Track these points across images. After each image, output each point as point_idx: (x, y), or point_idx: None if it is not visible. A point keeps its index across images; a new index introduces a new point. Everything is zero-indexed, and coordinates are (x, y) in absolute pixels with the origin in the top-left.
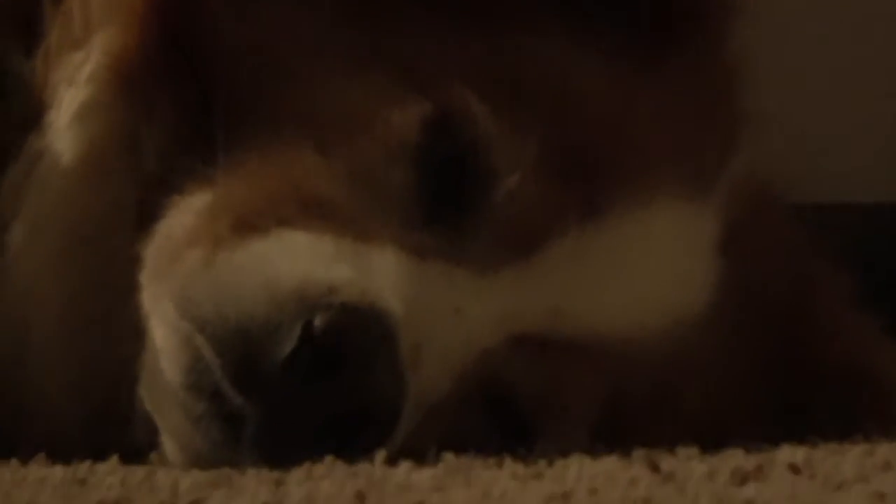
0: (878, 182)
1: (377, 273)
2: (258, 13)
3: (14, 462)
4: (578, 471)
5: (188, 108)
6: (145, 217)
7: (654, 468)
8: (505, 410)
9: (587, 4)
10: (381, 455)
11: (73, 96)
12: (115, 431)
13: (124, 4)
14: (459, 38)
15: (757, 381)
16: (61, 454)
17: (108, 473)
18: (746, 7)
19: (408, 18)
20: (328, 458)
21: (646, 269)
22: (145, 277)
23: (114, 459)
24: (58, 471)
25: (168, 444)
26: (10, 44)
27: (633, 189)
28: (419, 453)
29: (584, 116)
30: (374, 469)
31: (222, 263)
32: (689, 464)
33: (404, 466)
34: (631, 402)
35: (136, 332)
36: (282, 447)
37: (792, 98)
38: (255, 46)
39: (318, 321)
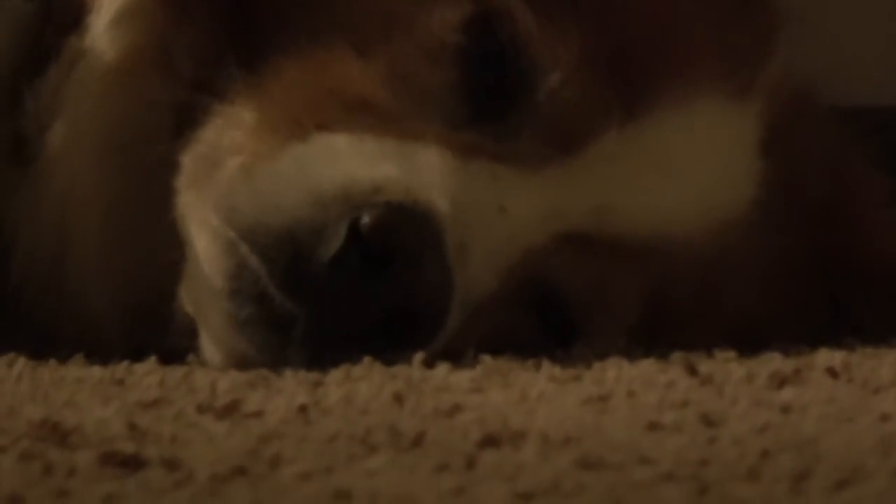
0: None
1: (422, 172)
2: None
3: (53, 362)
4: (616, 373)
5: (225, 13)
6: (184, 122)
7: (692, 371)
8: (549, 308)
9: None
10: (419, 356)
11: (108, 8)
12: (154, 333)
13: None
14: None
15: (797, 281)
16: (100, 355)
17: (147, 374)
18: None
19: None
20: (366, 360)
21: (688, 167)
22: (182, 183)
23: (152, 360)
24: (96, 371)
25: (209, 348)
26: None
27: (675, 87)
28: (458, 355)
29: (625, 15)
30: (412, 370)
31: (263, 171)
32: (727, 367)
33: (442, 368)
34: (672, 301)
35: (175, 237)
36: (331, 347)
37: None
38: None
39: (364, 220)
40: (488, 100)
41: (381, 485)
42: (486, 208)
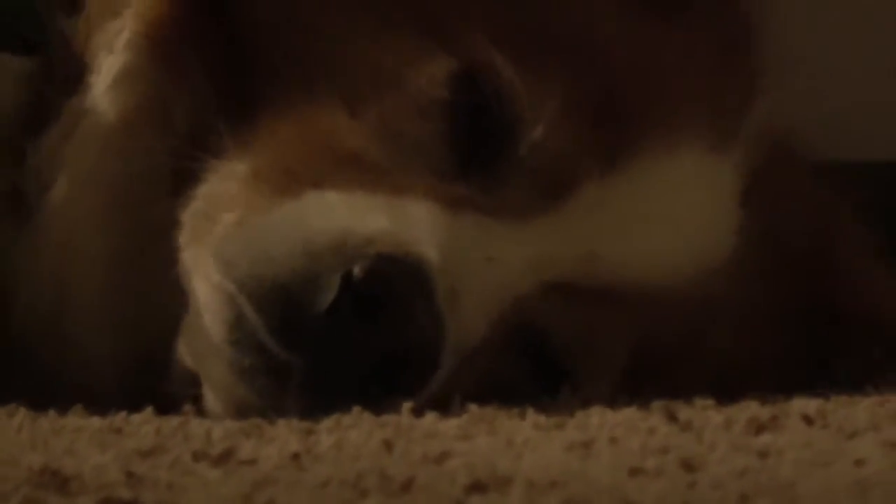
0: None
1: (412, 224)
2: None
3: (52, 412)
4: (599, 420)
5: (219, 72)
6: (181, 179)
7: (672, 418)
8: (538, 354)
9: None
10: (407, 405)
11: (111, 62)
12: (150, 384)
13: None
14: None
15: (776, 331)
16: (98, 404)
17: (144, 423)
18: None
19: None
20: (356, 409)
21: (671, 216)
22: (184, 239)
23: (149, 410)
24: (94, 420)
25: (211, 397)
26: (53, 3)
27: (658, 136)
28: (445, 403)
29: (607, 65)
30: (401, 418)
31: (258, 225)
32: (705, 413)
33: (430, 416)
34: (657, 347)
35: (172, 290)
36: (327, 394)
37: (809, 54)
38: (284, 8)
39: (356, 270)
40: (475, 152)
41: None
42: (475, 258)
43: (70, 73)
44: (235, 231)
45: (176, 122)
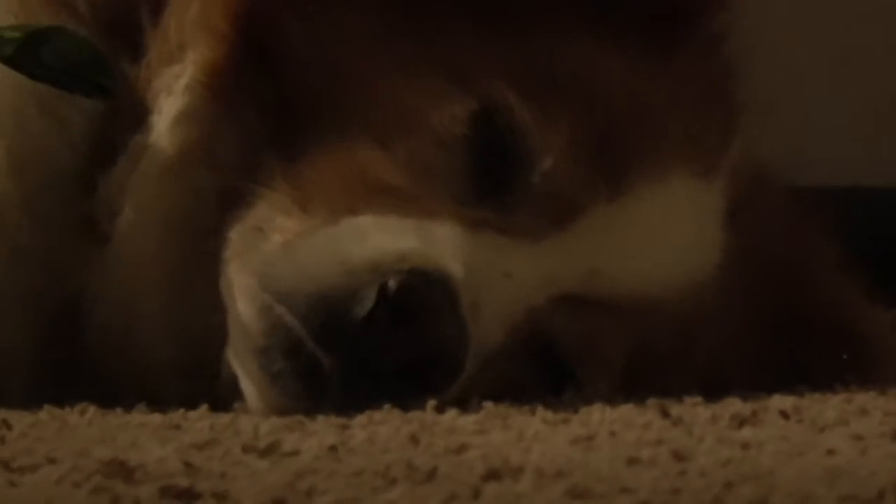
0: (858, 168)
1: (438, 243)
2: (323, 28)
3: (119, 410)
4: (600, 416)
5: (267, 112)
6: (232, 205)
7: (665, 414)
8: (547, 358)
9: (606, 8)
10: (431, 403)
11: (171, 104)
12: (205, 385)
13: (211, 25)
14: (497, 39)
15: (757, 336)
16: (159, 403)
17: (199, 419)
18: (742, 8)
19: (452, 24)
20: (386, 406)
21: (664, 237)
22: (230, 255)
23: (204, 408)
24: (156, 417)
25: (249, 397)
26: (119, 53)
27: (652, 168)
28: (464, 401)
29: (607, 105)
30: (426, 415)
31: (301, 245)
32: (694, 410)
33: (451, 413)
34: (651, 352)
35: (223, 304)
36: (362, 392)
37: (782, 94)
38: (321, 56)
39: (391, 283)
40: (492, 181)
41: None
42: (493, 274)
43: (135, 113)
44: (280, 251)
45: (228, 155)
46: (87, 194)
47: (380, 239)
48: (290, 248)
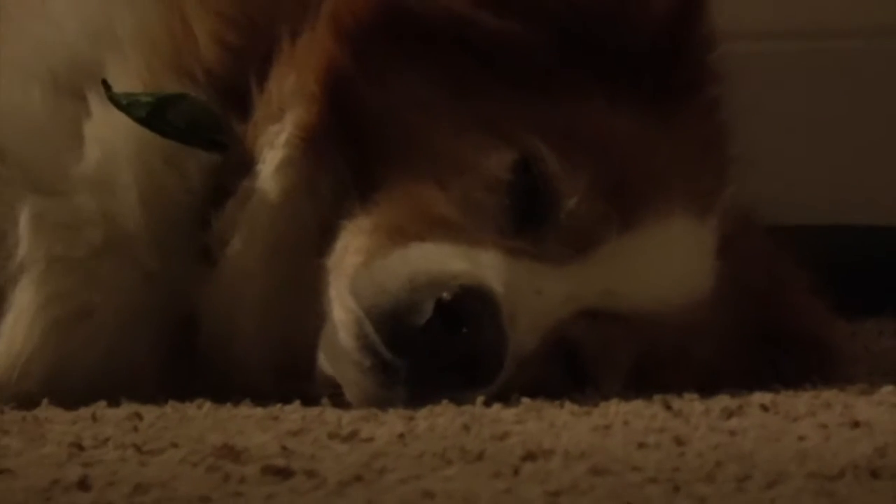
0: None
1: (484, 266)
2: (393, 94)
3: (228, 405)
4: (615, 409)
5: (350, 160)
6: (323, 235)
7: (667, 407)
8: (571, 362)
9: (619, 78)
10: (480, 398)
11: (273, 155)
12: (298, 384)
13: (305, 92)
14: (533, 104)
15: (741, 345)
16: (261, 399)
17: (293, 412)
18: (732, 79)
19: (496, 91)
20: (444, 401)
21: (666, 264)
22: (331, 278)
23: (297, 402)
24: (258, 410)
25: (346, 390)
26: (231, 113)
27: (657, 207)
28: (506, 397)
29: (620, 157)
30: (475, 408)
31: (378, 266)
32: (691, 404)
33: (495, 406)
34: (655, 357)
35: (314, 316)
36: (423, 387)
37: (760, 152)
38: (392, 116)
39: (445, 297)
40: (527, 217)
41: (454, 487)
42: (528, 291)
43: (243, 163)
44: (362, 270)
45: (320, 194)
46: (202, 229)
47: (437, 261)
48: (370, 267)
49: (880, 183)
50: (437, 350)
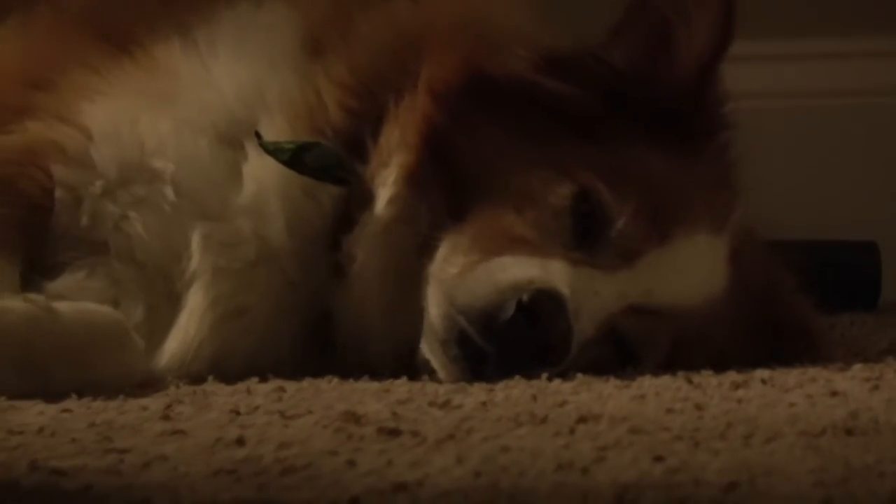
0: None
1: (553, 273)
2: (479, 140)
3: (351, 380)
4: (650, 382)
5: (445, 193)
6: (425, 250)
7: (689, 381)
8: (618, 346)
9: (653, 126)
10: (544, 374)
11: (385, 191)
12: (405, 364)
13: (407, 143)
14: (589, 146)
15: (747, 333)
16: (378, 376)
17: (401, 385)
18: (741, 128)
19: (560, 137)
20: (517, 377)
21: (692, 271)
22: (427, 281)
23: (404, 378)
24: (374, 384)
25: (438, 371)
26: (353, 159)
27: (684, 226)
28: (565, 373)
29: (656, 188)
30: (541, 382)
31: (469, 277)
32: (708, 378)
33: (556, 381)
34: (683, 342)
35: (419, 313)
36: (507, 369)
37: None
38: (478, 157)
39: (524, 298)
40: (586, 236)
41: (524, 444)
42: (587, 292)
43: (364, 197)
44: (457, 280)
45: (421, 221)
46: (334, 247)
47: (516, 270)
48: (461, 277)
49: (852, 210)
50: (519, 339)
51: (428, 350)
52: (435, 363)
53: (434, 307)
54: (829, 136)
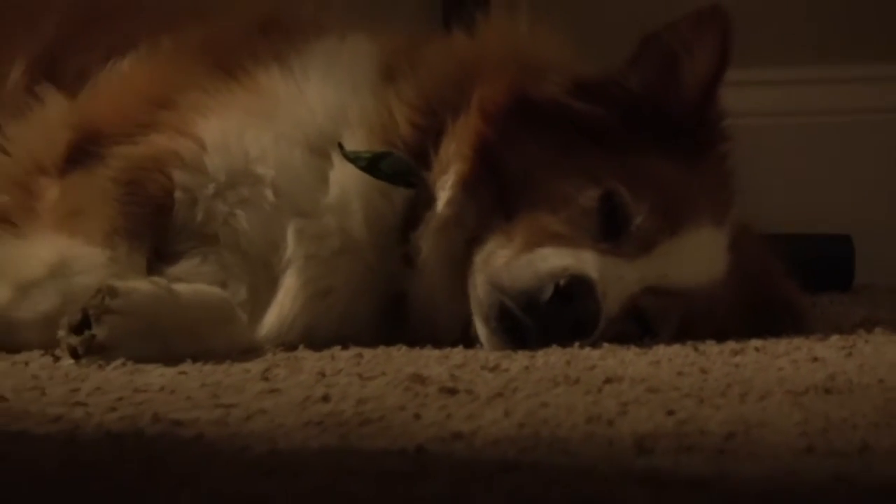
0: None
1: (585, 262)
2: (520, 152)
3: (417, 347)
4: (664, 351)
5: (492, 195)
6: (476, 243)
7: (696, 349)
8: (638, 320)
9: (665, 139)
10: (577, 343)
11: (444, 195)
12: (464, 335)
13: (462, 153)
14: (611, 157)
15: (743, 309)
16: (440, 345)
17: (458, 353)
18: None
19: (588, 150)
20: (554, 346)
21: (698, 258)
22: (476, 270)
23: (460, 347)
24: (435, 351)
25: (483, 340)
26: (420, 166)
27: (691, 221)
28: (595, 343)
29: (668, 189)
30: (574, 350)
31: (514, 264)
32: (710, 346)
33: (587, 349)
34: (691, 317)
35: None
36: (545, 340)
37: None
38: (520, 166)
39: (561, 282)
40: (610, 230)
41: (560, 401)
42: (612, 277)
43: (428, 199)
44: (503, 268)
45: (473, 220)
46: (404, 240)
47: (554, 260)
48: (506, 266)
49: (832, 209)
50: (556, 316)
51: (478, 324)
52: (480, 334)
53: (481, 290)
54: (813, 149)
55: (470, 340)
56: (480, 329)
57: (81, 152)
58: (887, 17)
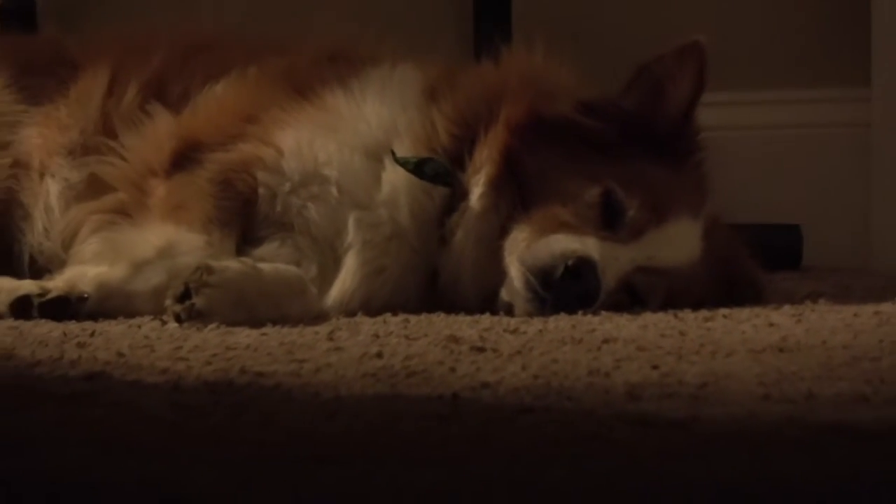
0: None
1: (588, 245)
2: (538, 157)
3: (451, 315)
4: (650, 317)
5: (516, 192)
6: (504, 231)
7: (676, 316)
8: (631, 293)
9: (651, 148)
10: (580, 312)
11: (476, 191)
12: (489, 306)
13: (492, 158)
14: (609, 163)
15: (716, 285)
16: (469, 313)
17: (485, 319)
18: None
19: (591, 157)
20: (563, 314)
21: (678, 243)
22: (507, 251)
23: (487, 314)
24: (467, 318)
25: (516, 308)
26: (456, 168)
27: (673, 213)
28: (595, 312)
29: (654, 188)
30: (578, 316)
31: (534, 248)
32: (688, 314)
33: (589, 316)
34: (673, 291)
35: (499, 272)
36: (558, 308)
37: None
38: (537, 169)
39: (570, 262)
40: (608, 221)
41: (566, 357)
42: (611, 258)
43: (462, 195)
44: (526, 250)
45: (500, 212)
46: (441, 226)
47: (564, 244)
48: (529, 248)
49: (785, 203)
50: (566, 290)
51: (507, 295)
52: (515, 303)
53: (512, 268)
54: (770, 157)
55: (494, 309)
56: (514, 299)
57: (184, 158)
58: (823, 45)
